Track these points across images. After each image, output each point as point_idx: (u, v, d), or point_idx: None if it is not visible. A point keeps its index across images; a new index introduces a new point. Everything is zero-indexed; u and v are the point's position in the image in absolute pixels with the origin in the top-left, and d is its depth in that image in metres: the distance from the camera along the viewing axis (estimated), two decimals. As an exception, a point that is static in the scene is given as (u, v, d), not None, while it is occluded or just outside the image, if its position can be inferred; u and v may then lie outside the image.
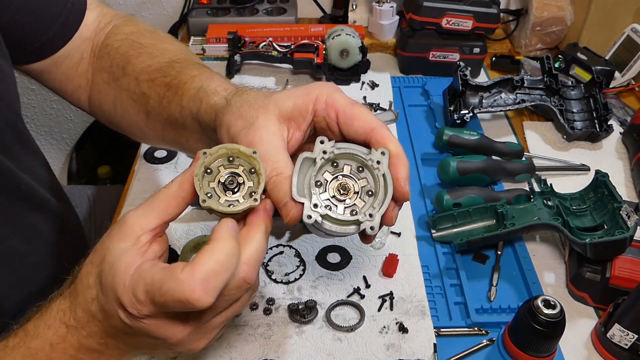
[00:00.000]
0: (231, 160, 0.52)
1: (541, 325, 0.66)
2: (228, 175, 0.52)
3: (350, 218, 0.51)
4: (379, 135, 0.53)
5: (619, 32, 1.24)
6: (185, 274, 0.46)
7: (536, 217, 0.81)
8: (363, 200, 0.53)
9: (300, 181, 0.52)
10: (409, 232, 0.89)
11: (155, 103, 0.70)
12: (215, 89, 0.62)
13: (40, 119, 1.78)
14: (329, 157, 0.52)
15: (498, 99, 1.10)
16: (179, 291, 0.46)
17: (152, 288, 0.47)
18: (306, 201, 0.50)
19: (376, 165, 0.52)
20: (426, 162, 1.03)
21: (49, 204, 0.82)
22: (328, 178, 0.53)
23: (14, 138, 0.75)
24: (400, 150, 0.53)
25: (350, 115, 0.54)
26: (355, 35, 1.18)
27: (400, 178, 0.52)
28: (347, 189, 0.53)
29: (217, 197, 0.51)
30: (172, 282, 0.46)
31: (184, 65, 0.70)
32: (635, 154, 1.02)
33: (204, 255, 0.47)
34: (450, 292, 0.80)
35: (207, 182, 0.52)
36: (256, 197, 0.51)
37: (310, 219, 0.50)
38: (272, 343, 0.72)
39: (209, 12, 1.39)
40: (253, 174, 0.52)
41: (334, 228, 0.51)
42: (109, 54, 0.78)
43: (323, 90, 0.55)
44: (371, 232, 0.51)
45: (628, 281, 0.74)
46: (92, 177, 1.93)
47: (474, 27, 1.19)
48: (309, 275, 0.81)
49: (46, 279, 0.80)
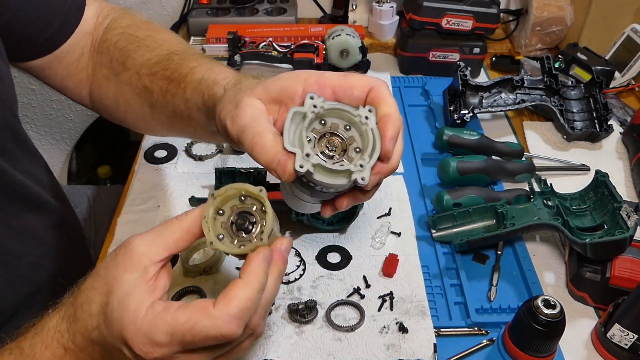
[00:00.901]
0: (242, 199, 0.52)
1: (541, 325, 0.66)
2: (239, 216, 0.52)
3: (342, 168, 0.51)
4: (374, 94, 0.53)
5: (619, 32, 1.24)
6: (219, 311, 0.47)
7: (536, 217, 0.81)
8: (351, 157, 0.52)
9: (291, 135, 0.51)
10: (409, 232, 0.89)
11: (159, 96, 0.70)
12: (215, 79, 0.62)
13: (40, 119, 1.78)
14: (318, 112, 0.52)
15: (498, 99, 1.10)
16: (214, 328, 0.47)
17: (179, 329, 0.47)
18: (298, 151, 0.50)
19: (364, 121, 0.52)
20: (426, 162, 1.03)
21: (46, 205, 0.82)
22: (317, 135, 0.53)
23: (10, 139, 0.75)
24: (392, 110, 0.53)
25: (347, 86, 0.54)
26: (355, 35, 1.18)
27: (386, 135, 0.51)
28: (335, 145, 0.53)
29: (230, 238, 0.52)
30: (206, 321, 0.47)
31: (182, 57, 0.70)
32: (635, 154, 1.02)
33: (237, 290, 0.48)
34: (450, 292, 0.80)
35: (220, 223, 0.52)
36: (262, 236, 0.51)
37: (303, 169, 0.49)
38: (272, 343, 0.72)
39: (209, 12, 1.39)
40: (264, 212, 0.52)
41: (325, 179, 0.51)
42: (108, 49, 0.78)
43: (311, 73, 0.55)
44: (362, 182, 0.50)
45: (628, 281, 0.74)
46: (92, 177, 1.93)
47: (474, 27, 1.19)
48: (309, 275, 0.81)
49: (44, 279, 0.81)
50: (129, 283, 0.50)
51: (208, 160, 1.01)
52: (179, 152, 1.03)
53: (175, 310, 0.48)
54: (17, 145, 0.77)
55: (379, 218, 0.91)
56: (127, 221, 0.89)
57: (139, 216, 0.90)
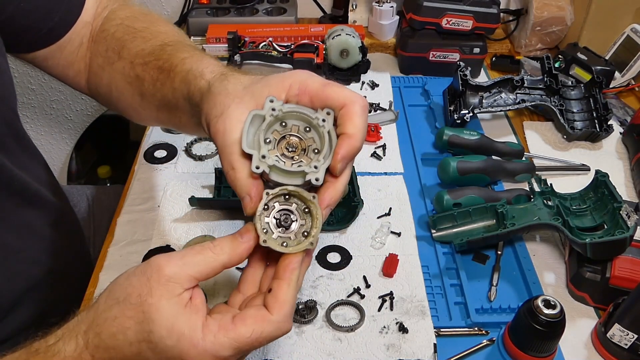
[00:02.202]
0: (287, 198, 0.54)
1: (541, 325, 0.66)
2: (282, 213, 0.54)
3: (297, 169, 0.52)
4: (345, 111, 0.53)
5: (619, 32, 1.24)
6: (278, 316, 0.50)
7: (536, 217, 0.81)
8: (310, 158, 0.54)
9: (250, 138, 0.53)
10: (409, 232, 0.89)
11: (149, 85, 0.71)
12: (202, 71, 0.63)
13: (40, 119, 1.78)
14: (277, 115, 0.53)
15: (498, 99, 1.10)
16: (278, 331, 0.51)
17: (246, 342, 0.49)
18: (255, 152, 0.52)
19: (321, 124, 0.53)
20: (426, 162, 1.03)
21: (43, 201, 0.82)
22: (277, 137, 0.54)
23: (9, 134, 0.76)
24: (354, 131, 0.52)
25: (322, 97, 0.54)
26: (355, 35, 1.18)
27: (337, 152, 0.52)
28: (294, 146, 0.54)
29: (271, 232, 0.54)
30: (270, 327, 0.50)
31: (175, 47, 0.71)
32: (635, 154, 1.02)
33: (285, 292, 0.51)
34: (450, 292, 0.80)
35: (263, 217, 0.54)
36: (312, 240, 0.53)
37: (258, 170, 0.51)
38: (272, 343, 0.72)
39: (209, 12, 1.39)
40: (307, 213, 0.54)
41: (281, 180, 0.53)
42: (105, 39, 0.79)
43: (296, 78, 0.55)
44: (316, 183, 0.52)
45: (628, 281, 0.74)
46: (92, 177, 1.93)
47: (474, 27, 1.19)
48: (309, 275, 0.81)
49: (41, 275, 0.81)
50: (170, 310, 0.49)
51: (208, 160, 1.01)
52: (178, 152, 1.03)
53: (234, 325, 0.50)
54: (15, 141, 0.78)
55: (379, 218, 0.91)
56: (127, 221, 0.89)
57: (139, 216, 0.90)
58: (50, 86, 1.72)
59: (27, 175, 0.78)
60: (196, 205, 0.90)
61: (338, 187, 0.54)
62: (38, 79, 1.70)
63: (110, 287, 0.53)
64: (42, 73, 1.69)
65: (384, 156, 1.03)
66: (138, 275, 0.51)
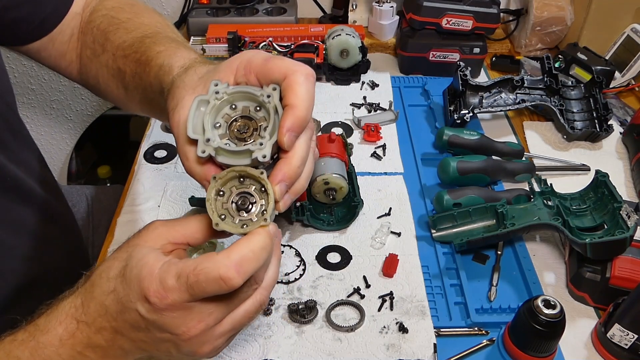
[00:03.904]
0: (242, 180, 0.53)
1: (541, 325, 0.66)
2: (240, 196, 0.53)
3: (242, 148, 0.51)
4: (287, 82, 0.51)
5: (619, 32, 1.24)
6: (221, 255, 0.49)
7: (536, 217, 0.81)
8: (262, 137, 0.52)
9: (198, 123, 0.52)
10: (409, 232, 0.89)
11: (130, 78, 0.71)
12: (171, 66, 0.62)
13: (40, 119, 1.78)
14: (222, 97, 0.52)
15: (498, 99, 1.10)
16: (215, 269, 0.48)
17: (185, 271, 0.49)
18: (199, 137, 0.51)
19: (267, 100, 0.52)
20: (426, 162, 1.03)
21: (37, 197, 0.82)
22: (228, 120, 0.53)
23: (4, 129, 0.76)
24: (297, 101, 0.51)
25: (265, 73, 0.53)
26: (355, 35, 1.18)
27: (283, 126, 0.50)
28: (245, 128, 0.53)
29: (232, 218, 0.53)
30: (208, 262, 0.49)
31: (153, 40, 0.70)
32: (635, 154, 1.02)
33: (240, 242, 0.50)
34: (450, 292, 0.80)
35: (221, 204, 0.53)
36: (266, 216, 0.52)
37: (204, 154, 0.51)
38: (272, 343, 0.72)
39: (209, 12, 1.39)
40: (264, 192, 0.53)
41: (229, 161, 0.52)
42: (91, 30, 0.79)
43: (242, 58, 0.54)
44: (263, 160, 0.51)
45: (628, 281, 0.74)
46: (92, 177, 1.93)
47: (474, 27, 1.19)
48: (309, 275, 0.81)
49: (37, 273, 0.81)
50: (149, 249, 0.52)
51: (208, 160, 1.01)
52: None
53: (186, 259, 0.51)
54: (11, 135, 0.78)
55: (379, 218, 0.91)
56: (127, 221, 0.89)
57: (138, 216, 0.90)
58: (50, 86, 1.72)
59: (22, 172, 0.78)
60: (196, 205, 0.90)
61: (293, 161, 0.52)
62: (38, 79, 1.70)
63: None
64: (42, 73, 1.69)
65: (384, 156, 1.03)
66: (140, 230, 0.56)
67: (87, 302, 0.54)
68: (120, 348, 0.54)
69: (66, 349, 0.54)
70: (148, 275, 0.50)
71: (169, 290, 0.49)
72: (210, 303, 0.51)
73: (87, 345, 0.54)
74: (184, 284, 0.49)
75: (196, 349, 0.54)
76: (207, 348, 0.54)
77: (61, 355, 0.54)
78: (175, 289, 0.49)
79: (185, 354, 0.55)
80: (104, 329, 0.53)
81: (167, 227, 0.55)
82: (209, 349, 0.54)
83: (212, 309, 0.52)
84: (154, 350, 0.55)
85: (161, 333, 0.52)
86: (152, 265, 0.50)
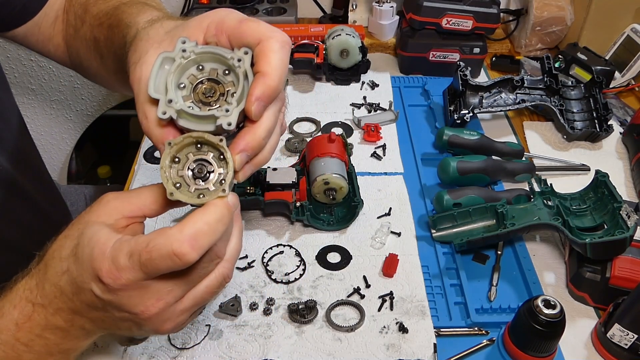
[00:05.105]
0: (199, 147, 0.50)
1: (541, 325, 0.66)
2: (197, 163, 0.50)
3: (206, 113, 0.48)
4: (260, 48, 0.48)
5: (619, 32, 1.24)
6: (174, 230, 0.47)
7: (536, 217, 0.81)
8: (229, 103, 0.49)
9: (161, 82, 0.49)
10: (409, 232, 0.89)
11: (104, 45, 0.70)
12: (137, 22, 0.60)
13: (40, 119, 1.78)
14: (188, 57, 0.49)
15: (498, 99, 1.10)
16: (167, 245, 0.46)
17: (137, 248, 0.47)
18: (161, 97, 0.48)
19: (237, 64, 0.49)
20: (426, 162, 1.03)
21: (31, 193, 0.81)
22: (193, 82, 0.50)
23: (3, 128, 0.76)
24: (269, 69, 0.48)
25: (238, 35, 0.50)
26: (355, 35, 1.18)
27: (252, 94, 0.48)
28: (212, 91, 0.50)
29: (187, 187, 0.50)
30: (160, 238, 0.47)
31: (128, 4, 0.68)
32: (635, 154, 1.02)
33: (195, 215, 0.48)
34: (450, 292, 0.80)
35: (176, 171, 0.50)
36: (225, 186, 0.49)
37: (165, 115, 0.47)
38: (272, 343, 0.72)
39: (209, 12, 1.38)
40: (223, 160, 0.50)
41: (191, 126, 0.49)
42: (72, 7, 0.79)
43: (214, 17, 0.51)
44: (228, 127, 0.48)
45: (628, 281, 0.74)
46: (92, 177, 1.94)
47: (474, 27, 1.19)
48: (309, 275, 0.81)
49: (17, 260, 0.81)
50: (99, 225, 0.50)
51: (208, 160, 1.01)
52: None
53: (138, 237, 0.49)
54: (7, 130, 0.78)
55: (379, 218, 0.91)
56: (127, 221, 0.89)
57: (138, 216, 0.90)
58: (50, 86, 1.72)
59: (17, 168, 0.77)
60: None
61: (258, 132, 0.49)
62: (38, 79, 1.70)
63: None
64: (42, 73, 1.69)
65: (384, 156, 1.03)
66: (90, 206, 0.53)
67: (41, 284, 0.52)
68: (81, 328, 0.53)
69: (24, 332, 0.52)
70: (100, 254, 0.48)
71: (121, 270, 0.47)
72: (168, 280, 0.49)
73: (45, 327, 0.52)
74: (136, 263, 0.47)
75: (158, 326, 0.52)
76: (169, 325, 0.53)
77: (19, 340, 0.52)
78: (128, 268, 0.47)
79: (147, 332, 0.54)
80: (61, 310, 0.52)
81: (120, 199, 0.52)
82: (171, 325, 0.53)
83: (170, 287, 0.50)
84: (116, 328, 0.54)
85: (119, 312, 0.50)
86: (103, 243, 0.48)
